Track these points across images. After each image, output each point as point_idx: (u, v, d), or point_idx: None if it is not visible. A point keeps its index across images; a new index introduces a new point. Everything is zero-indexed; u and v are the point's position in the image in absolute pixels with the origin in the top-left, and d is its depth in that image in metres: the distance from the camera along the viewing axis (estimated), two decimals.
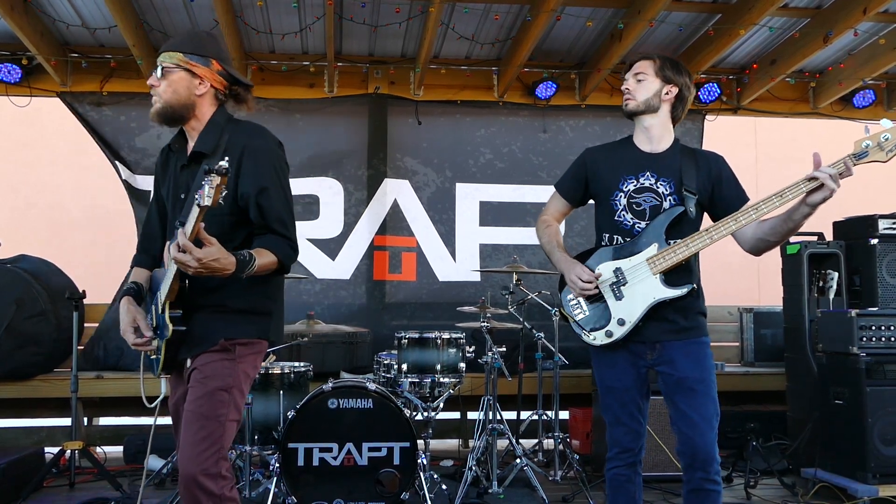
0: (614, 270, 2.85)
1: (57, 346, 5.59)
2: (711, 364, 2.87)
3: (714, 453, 2.77)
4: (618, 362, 2.90)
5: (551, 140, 6.78)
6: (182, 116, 2.61)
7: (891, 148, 2.58)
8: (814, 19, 5.65)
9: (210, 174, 2.14)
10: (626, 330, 2.82)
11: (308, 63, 6.43)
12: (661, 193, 2.88)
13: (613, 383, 2.92)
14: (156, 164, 2.80)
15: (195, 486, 2.37)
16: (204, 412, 2.44)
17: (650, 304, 2.80)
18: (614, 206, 2.92)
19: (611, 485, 2.99)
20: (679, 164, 2.90)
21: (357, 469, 3.94)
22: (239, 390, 2.54)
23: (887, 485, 4.35)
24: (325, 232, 6.46)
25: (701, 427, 2.77)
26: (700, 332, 2.89)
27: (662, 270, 2.79)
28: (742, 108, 6.84)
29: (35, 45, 5.55)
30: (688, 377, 2.80)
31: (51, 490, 4.74)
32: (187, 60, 2.56)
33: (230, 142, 2.57)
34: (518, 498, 4.54)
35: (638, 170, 2.92)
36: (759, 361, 6.44)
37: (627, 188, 2.91)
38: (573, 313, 2.94)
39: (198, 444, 2.40)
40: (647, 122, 2.96)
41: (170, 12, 5.62)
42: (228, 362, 2.51)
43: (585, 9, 5.55)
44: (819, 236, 5.45)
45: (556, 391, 5.03)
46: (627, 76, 2.99)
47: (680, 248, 2.78)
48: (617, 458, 2.95)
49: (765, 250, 2.89)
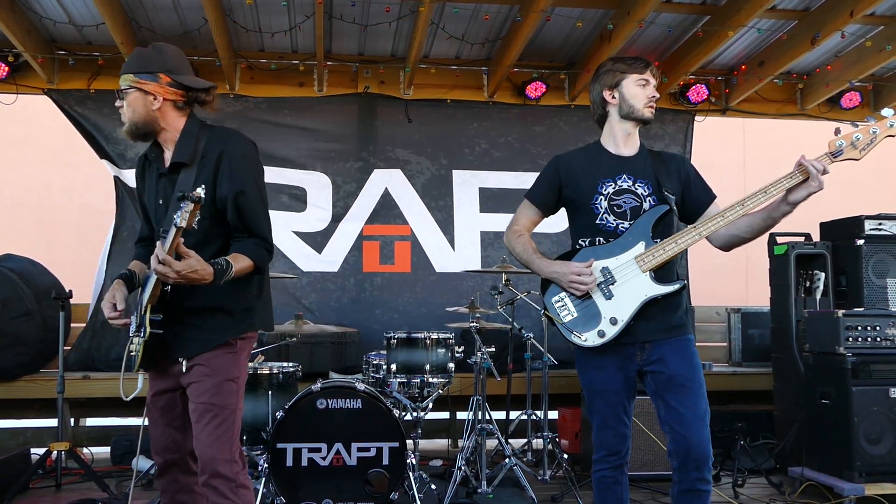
0: (602, 270, 2.83)
1: (43, 346, 5.55)
2: (699, 362, 2.87)
3: (709, 452, 2.75)
4: (606, 365, 2.87)
5: (547, 133, 6.74)
6: (150, 131, 2.73)
7: (863, 147, 2.69)
8: (801, 21, 5.69)
9: (184, 200, 2.32)
10: (619, 329, 2.79)
11: (297, 62, 6.42)
12: (641, 195, 2.89)
13: (602, 386, 2.89)
14: (136, 174, 2.92)
15: (213, 471, 2.55)
16: (216, 402, 2.60)
17: (642, 301, 2.78)
18: (595, 210, 2.90)
19: (598, 487, 2.98)
20: (652, 166, 2.93)
21: (346, 469, 3.93)
22: (243, 380, 2.74)
23: (873, 483, 4.38)
24: (312, 225, 6.40)
25: (695, 424, 2.74)
26: (687, 329, 2.90)
27: (652, 268, 2.79)
28: (730, 110, 6.88)
29: (22, 43, 5.52)
30: (679, 374, 2.79)
31: (37, 491, 4.70)
32: (137, 80, 2.69)
33: (206, 148, 2.69)
34: (507, 498, 4.54)
35: (614, 173, 2.92)
36: (746, 361, 6.48)
37: (607, 191, 2.90)
38: (560, 315, 2.88)
39: (213, 432, 2.57)
40: (637, 130, 2.99)
41: (158, 10, 5.60)
42: (231, 355, 2.67)
43: (575, 9, 5.57)
44: (806, 237, 5.49)
45: (545, 391, 5.04)
46: (652, 81, 2.92)
47: (669, 244, 2.78)
48: (604, 461, 2.93)
49: (736, 246, 2.89)
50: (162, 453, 2.76)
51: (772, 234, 5.56)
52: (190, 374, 2.63)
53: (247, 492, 2.63)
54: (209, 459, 2.56)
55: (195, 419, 2.61)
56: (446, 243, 6.53)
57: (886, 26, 5.72)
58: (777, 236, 5.50)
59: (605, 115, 3.00)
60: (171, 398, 2.73)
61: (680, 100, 6.70)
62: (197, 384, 2.62)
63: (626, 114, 2.93)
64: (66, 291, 4.98)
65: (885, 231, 5.24)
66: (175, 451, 2.75)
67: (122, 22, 5.50)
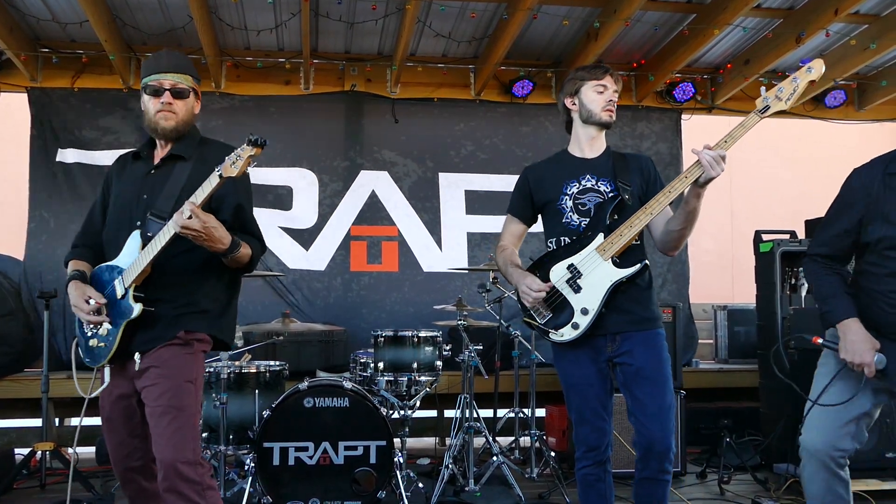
0: (567, 267, 2.96)
1: (27, 345, 5.51)
2: (668, 356, 2.98)
3: (670, 444, 2.87)
4: (580, 358, 2.99)
5: (533, 133, 6.74)
6: (184, 133, 2.82)
7: (787, 97, 2.81)
8: (786, 20, 5.72)
9: (248, 145, 2.37)
10: (591, 318, 2.90)
11: (284, 60, 6.40)
12: (603, 192, 3.02)
13: (576, 380, 3.01)
14: (109, 172, 2.97)
15: (176, 475, 2.51)
16: (174, 404, 2.57)
17: (608, 287, 2.90)
18: (562, 210, 3.05)
19: (581, 485, 3.06)
20: (613, 165, 3.07)
21: (333, 468, 3.93)
22: (201, 382, 2.74)
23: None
24: (298, 222, 6.38)
25: (659, 417, 2.85)
26: (657, 323, 3.00)
27: (613, 255, 2.91)
28: (716, 108, 6.91)
29: (5, 40, 5.46)
30: (646, 367, 2.90)
31: (21, 492, 4.66)
32: (195, 84, 2.83)
33: (207, 153, 2.77)
34: (494, 495, 4.54)
35: (578, 173, 3.07)
36: (732, 358, 6.51)
37: (571, 191, 3.05)
38: (536, 318, 3.02)
39: (173, 436, 2.54)
40: (602, 133, 3.13)
41: (143, 8, 5.56)
42: (189, 356, 2.67)
43: (562, 7, 5.57)
44: (791, 234, 5.52)
45: (533, 389, 5.05)
46: (610, 86, 3.06)
47: (624, 229, 2.89)
48: (584, 458, 3.02)
49: (673, 244, 2.98)
50: (124, 461, 2.73)
51: (757, 231, 5.59)
52: (145, 377, 2.61)
53: (213, 493, 2.60)
54: (170, 463, 2.51)
55: (153, 423, 2.57)
56: (434, 244, 6.53)
57: (871, 25, 5.76)
58: (762, 234, 5.53)
59: (570, 121, 3.16)
60: (129, 406, 2.71)
61: (666, 98, 6.72)
62: (153, 387, 2.60)
63: (586, 118, 3.08)
64: (50, 290, 4.94)
65: None
66: (138, 459, 2.73)
67: (107, 20, 5.46)
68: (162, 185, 2.73)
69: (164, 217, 2.62)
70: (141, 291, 2.62)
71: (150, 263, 2.58)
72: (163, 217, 2.63)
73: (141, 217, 2.71)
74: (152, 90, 2.78)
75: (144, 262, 2.58)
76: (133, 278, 2.60)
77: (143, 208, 2.72)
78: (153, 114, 2.77)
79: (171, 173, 2.75)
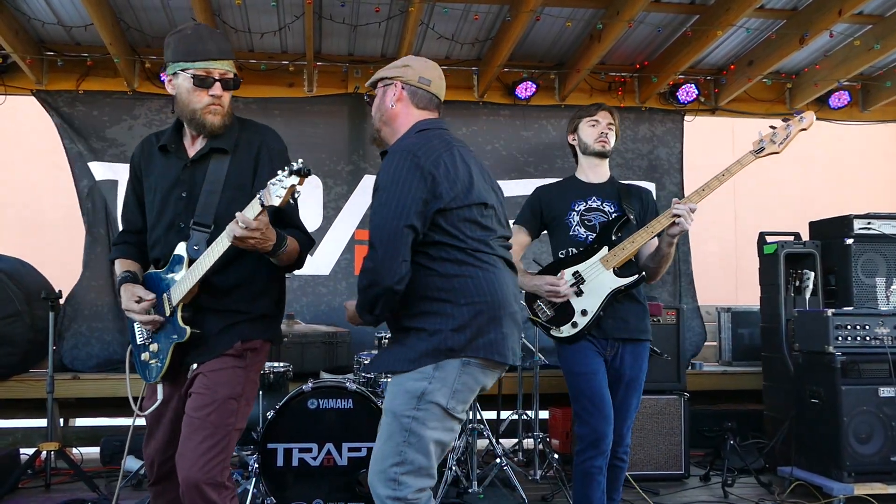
0: (573, 274, 3.37)
1: (32, 346, 5.52)
2: (647, 365, 3.46)
3: (628, 437, 3.41)
4: (584, 349, 3.34)
5: (534, 137, 6.72)
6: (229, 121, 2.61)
7: (781, 140, 3.27)
8: (790, 21, 5.71)
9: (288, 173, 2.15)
10: (589, 319, 3.30)
11: (287, 62, 6.40)
12: (608, 212, 3.48)
13: (583, 368, 3.33)
14: (134, 156, 2.73)
15: (198, 494, 2.36)
16: (213, 420, 2.42)
17: (608, 293, 3.31)
18: (569, 224, 3.50)
19: (583, 477, 3.22)
20: (617, 191, 3.54)
21: (337, 469, 3.93)
22: (247, 399, 2.57)
23: (862, 483, 4.40)
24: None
25: (630, 417, 3.41)
26: (648, 335, 3.46)
27: (615, 266, 3.32)
28: (720, 109, 6.89)
29: (10, 44, 5.48)
30: (630, 376, 3.38)
31: (26, 491, 4.68)
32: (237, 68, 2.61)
33: (245, 139, 2.61)
34: (498, 497, 4.54)
35: (586, 195, 3.54)
36: (736, 360, 6.48)
37: (579, 208, 3.51)
38: (539, 316, 3.41)
39: (205, 453, 2.38)
40: (604, 162, 3.60)
41: (147, 11, 5.57)
42: (240, 370, 2.52)
43: (565, 9, 5.57)
44: (795, 236, 5.51)
45: (536, 391, 5.05)
46: (602, 120, 3.53)
47: (626, 244, 3.33)
48: (589, 449, 3.25)
49: (654, 274, 3.41)
50: (167, 462, 2.57)
51: (761, 233, 5.59)
52: (193, 383, 2.49)
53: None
54: (194, 483, 2.35)
55: (186, 434, 2.43)
56: None
57: (874, 25, 5.75)
58: (766, 235, 5.53)
59: (576, 153, 3.67)
60: (180, 408, 2.55)
61: (669, 100, 6.70)
62: (197, 396, 2.45)
63: (584, 150, 3.59)
64: (55, 292, 4.96)
65: (873, 230, 5.27)
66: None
67: (111, 23, 5.48)
68: (201, 181, 2.53)
69: (208, 225, 2.47)
70: (188, 311, 2.47)
71: (197, 283, 2.43)
72: (207, 226, 2.48)
73: (184, 219, 2.53)
74: (199, 80, 2.47)
75: (192, 282, 2.42)
76: (180, 297, 2.45)
77: (184, 208, 2.54)
78: (200, 108, 2.49)
79: (209, 167, 2.54)
